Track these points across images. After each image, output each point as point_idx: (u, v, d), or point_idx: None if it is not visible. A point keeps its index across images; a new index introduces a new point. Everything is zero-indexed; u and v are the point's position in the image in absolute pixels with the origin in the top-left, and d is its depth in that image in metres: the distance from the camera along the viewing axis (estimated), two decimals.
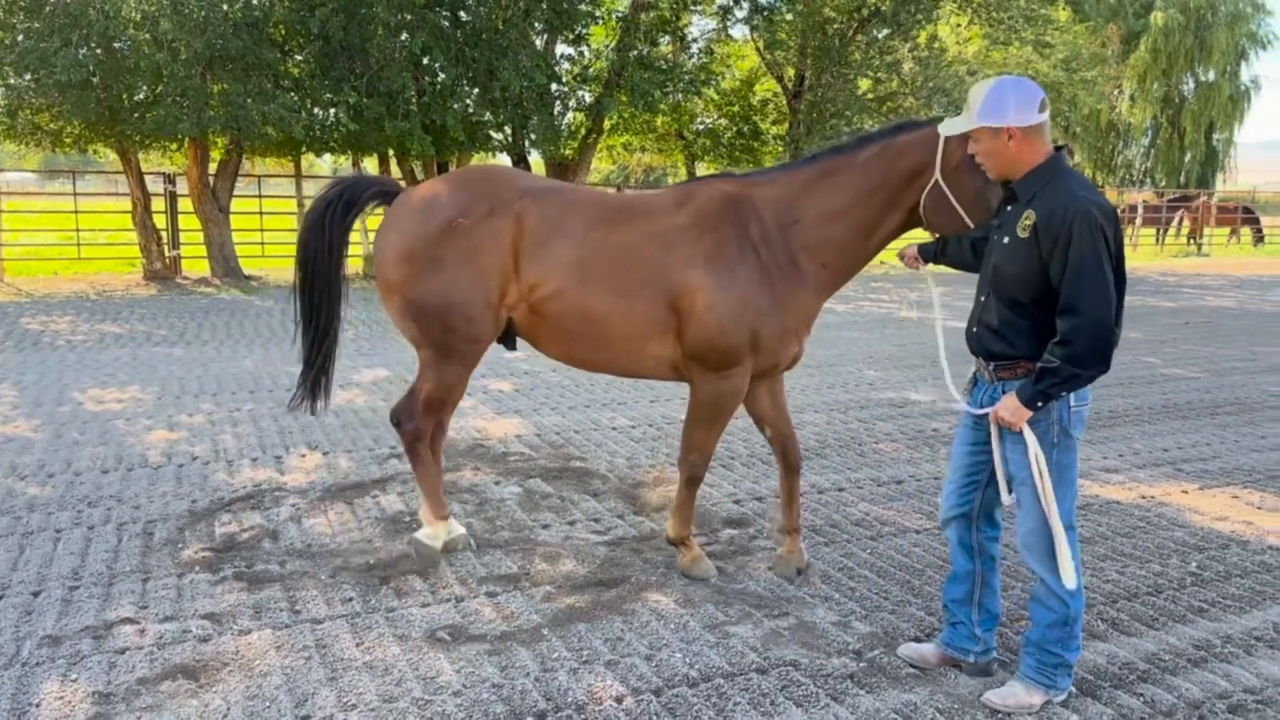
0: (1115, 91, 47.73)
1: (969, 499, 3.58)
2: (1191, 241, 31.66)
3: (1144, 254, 29.08)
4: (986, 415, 3.39)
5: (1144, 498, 5.90)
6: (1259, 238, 31.65)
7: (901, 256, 4.27)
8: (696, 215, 4.27)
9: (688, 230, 4.24)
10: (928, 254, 4.10)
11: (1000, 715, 3.43)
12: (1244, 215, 32.89)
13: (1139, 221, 31.57)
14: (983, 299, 3.43)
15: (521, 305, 4.36)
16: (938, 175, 3.88)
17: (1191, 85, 49.72)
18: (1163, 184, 48.86)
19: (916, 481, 6.13)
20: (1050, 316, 3.17)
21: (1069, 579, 3.25)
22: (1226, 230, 33.46)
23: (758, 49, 21.87)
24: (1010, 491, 3.39)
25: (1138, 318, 14.56)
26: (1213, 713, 3.48)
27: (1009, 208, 3.36)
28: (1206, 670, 3.79)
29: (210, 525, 5.15)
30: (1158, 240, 32.38)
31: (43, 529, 5.02)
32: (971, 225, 3.87)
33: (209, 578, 4.45)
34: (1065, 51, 21.88)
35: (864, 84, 21.64)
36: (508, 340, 4.64)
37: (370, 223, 5.38)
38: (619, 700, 3.47)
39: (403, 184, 4.71)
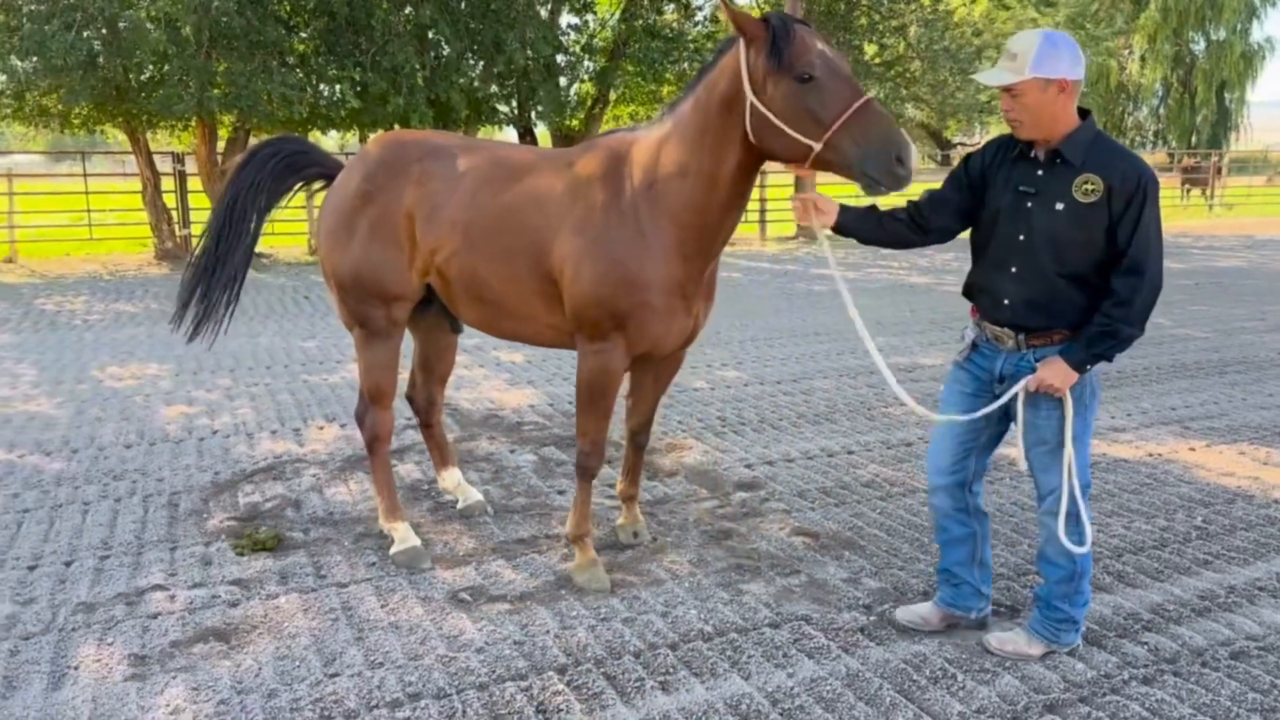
0: (1125, 52, 47.29)
1: (964, 465, 3.57)
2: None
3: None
4: (997, 382, 3.40)
5: (1151, 455, 5.97)
6: None
7: (794, 203, 3.67)
8: (577, 177, 3.95)
9: (564, 194, 3.93)
10: (844, 222, 3.57)
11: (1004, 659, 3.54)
12: None
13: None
14: (1014, 269, 3.27)
15: (432, 270, 4.23)
16: (750, 96, 3.41)
17: (1202, 44, 49.15)
18: (1174, 145, 48.47)
19: (925, 444, 6.21)
20: (1104, 283, 3.16)
21: (1088, 539, 3.35)
22: None
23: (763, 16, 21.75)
24: (1027, 457, 3.39)
25: None
26: (1215, 659, 3.57)
27: (1039, 172, 3.22)
28: (1210, 619, 3.88)
29: (234, 496, 5.27)
30: (1190, 197, 31.97)
31: (71, 502, 5.14)
32: (804, 140, 3.31)
33: (235, 545, 4.57)
34: (1072, 9, 21.69)
35: (870, 49, 21.51)
36: (453, 321, 4.62)
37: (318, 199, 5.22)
38: (637, 655, 3.58)
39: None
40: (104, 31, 14.02)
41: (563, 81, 17.80)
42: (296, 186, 4.74)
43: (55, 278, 14.61)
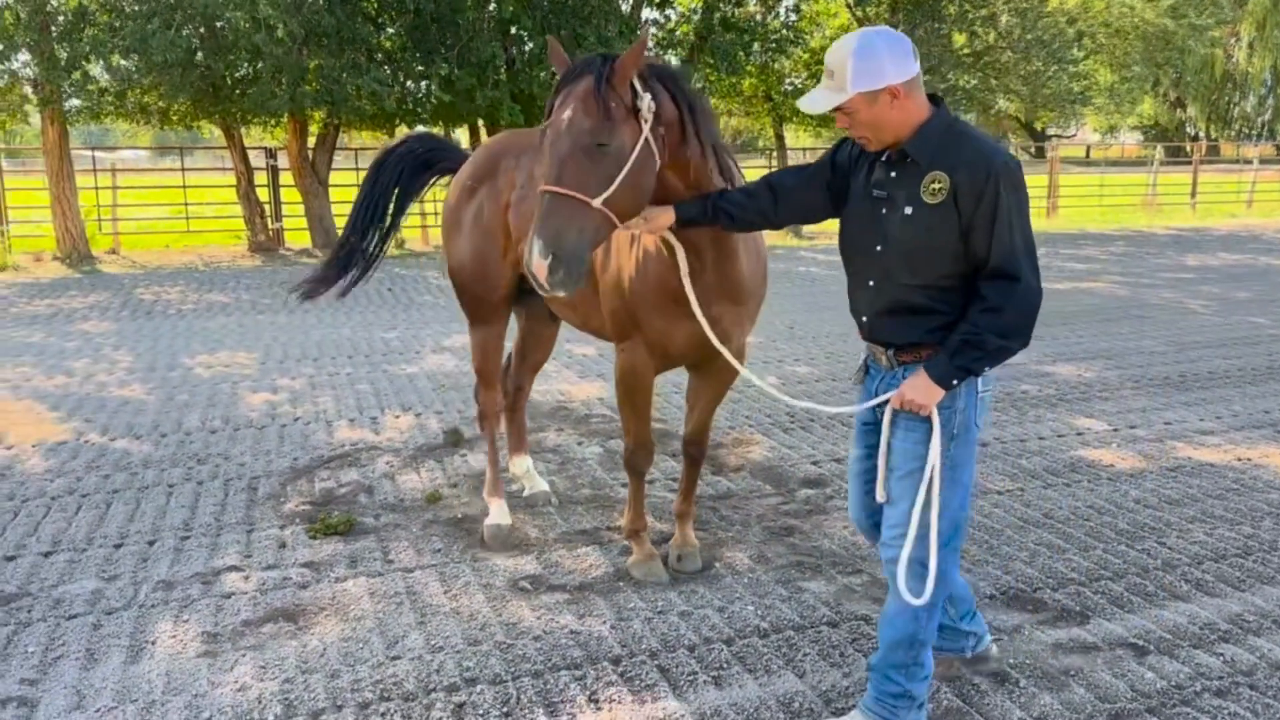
0: (1232, 40, 45.34)
1: (877, 508, 3.07)
2: None
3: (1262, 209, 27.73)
4: (883, 405, 2.93)
5: (1240, 460, 5.74)
6: None
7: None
8: None
9: None
10: (691, 215, 3.25)
11: None
12: None
13: None
14: (871, 283, 2.89)
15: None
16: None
17: None
18: None
19: (1001, 444, 6.07)
20: (968, 289, 2.76)
21: (928, 591, 2.78)
22: None
23: (848, 5, 21.45)
24: (885, 488, 2.94)
25: (1248, 277, 13.96)
26: None
27: (892, 174, 2.83)
28: None
29: (310, 481, 5.43)
30: None
31: (156, 484, 5.36)
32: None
33: (308, 529, 4.71)
34: None
35: (959, 38, 21.05)
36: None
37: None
38: (691, 649, 3.59)
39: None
40: (201, 30, 14.52)
41: None
42: (430, 181, 5.12)
43: (154, 268, 15.21)
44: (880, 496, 2.94)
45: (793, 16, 20.70)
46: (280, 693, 3.32)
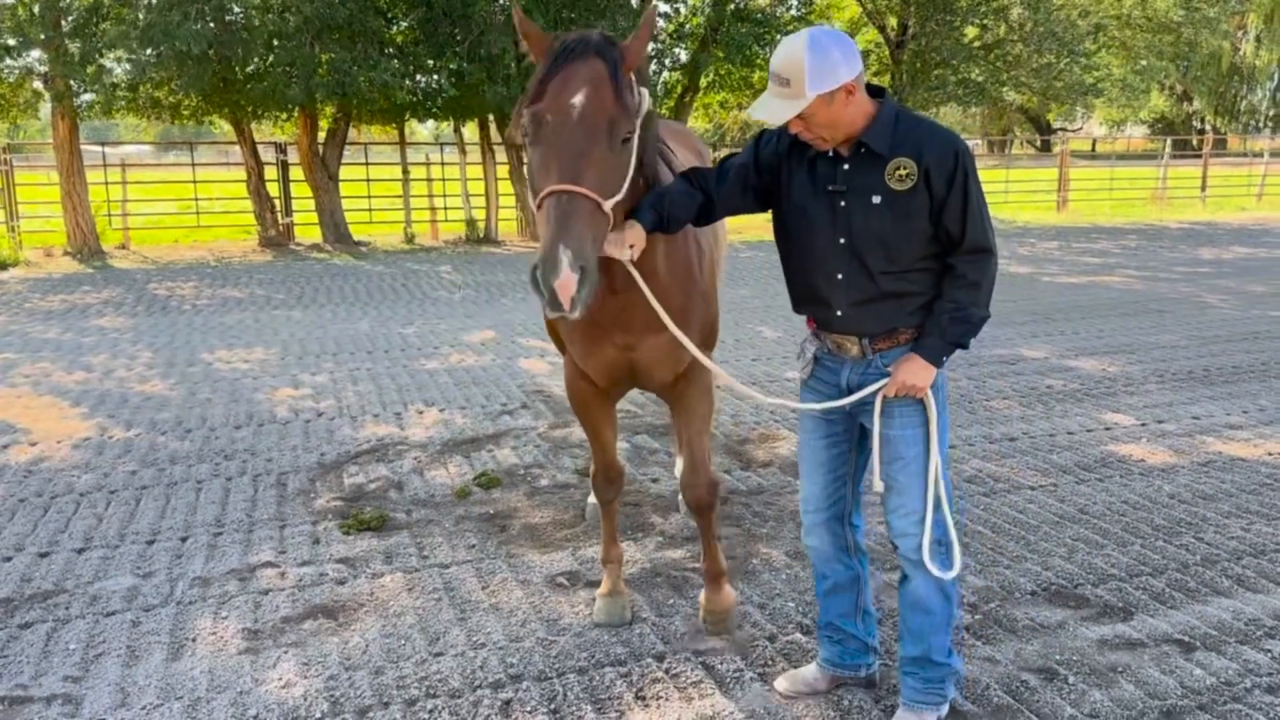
0: (1239, 33, 45.15)
1: (839, 495, 3.10)
2: None
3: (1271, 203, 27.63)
4: (845, 395, 2.93)
5: (1271, 454, 5.71)
6: None
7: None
8: None
9: None
10: (652, 225, 2.95)
11: None
12: None
13: None
14: (840, 276, 2.84)
15: None
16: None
17: None
18: None
19: (1030, 439, 6.04)
20: (939, 268, 2.82)
21: (956, 562, 2.90)
22: None
23: None
24: (883, 478, 2.91)
25: (1263, 271, 13.89)
26: None
27: (844, 167, 2.79)
28: None
29: (339, 476, 5.41)
30: None
31: (185, 480, 5.35)
32: (531, 204, 2.81)
33: (341, 525, 4.69)
34: None
35: (970, 31, 20.96)
36: None
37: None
38: (734, 645, 3.56)
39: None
40: (211, 25, 14.48)
41: (653, 69, 17.76)
42: None
43: (165, 264, 15.19)
44: (878, 486, 2.93)
45: (804, 8, 20.59)
46: (325, 689, 3.31)
